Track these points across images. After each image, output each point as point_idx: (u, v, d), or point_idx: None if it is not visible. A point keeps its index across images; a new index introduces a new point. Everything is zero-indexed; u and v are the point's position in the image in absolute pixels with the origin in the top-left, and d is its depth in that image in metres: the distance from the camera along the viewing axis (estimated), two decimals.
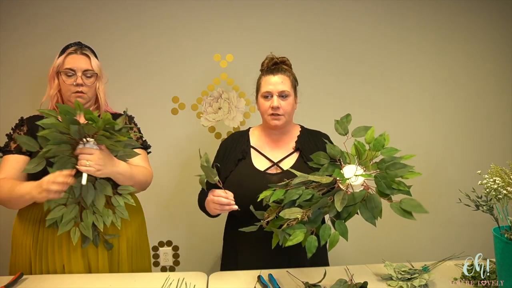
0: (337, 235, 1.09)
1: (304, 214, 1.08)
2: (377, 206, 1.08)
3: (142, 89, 2.09)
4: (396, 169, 1.09)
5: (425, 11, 2.19)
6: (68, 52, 1.43)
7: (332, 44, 2.16)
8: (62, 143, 1.21)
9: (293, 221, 1.08)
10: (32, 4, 1.99)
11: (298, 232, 1.08)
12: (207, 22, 2.09)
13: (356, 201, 1.09)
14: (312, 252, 1.08)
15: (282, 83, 1.39)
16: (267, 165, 1.41)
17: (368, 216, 1.09)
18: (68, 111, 1.17)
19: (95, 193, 1.29)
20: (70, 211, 1.27)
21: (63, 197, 1.24)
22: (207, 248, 2.20)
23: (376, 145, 1.15)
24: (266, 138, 1.47)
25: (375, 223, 1.09)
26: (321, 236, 1.09)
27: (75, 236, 1.29)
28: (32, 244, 1.34)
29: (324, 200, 1.10)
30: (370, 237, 2.28)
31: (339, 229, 1.10)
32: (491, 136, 2.30)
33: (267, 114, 1.40)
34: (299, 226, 1.09)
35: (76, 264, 1.34)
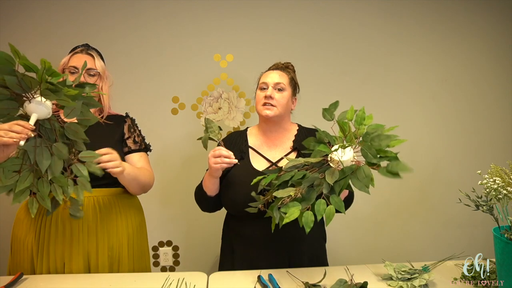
0: (332, 209, 1.10)
1: (297, 191, 1.11)
2: (367, 175, 1.09)
3: (142, 89, 2.09)
4: (380, 140, 1.11)
5: (425, 11, 2.19)
6: (75, 52, 1.45)
7: (332, 44, 2.16)
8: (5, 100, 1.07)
9: (287, 198, 1.11)
10: (32, 4, 1.99)
11: (293, 209, 1.10)
12: (207, 22, 2.09)
13: (346, 174, 1.11)
14: (310, 227, 1.08)
15: (279, 77, 1.43)
16: (265, 165, 1.42)
17: (360, 185, 1.10)
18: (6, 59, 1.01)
19: (51, 159, 1.13)
20: (25, 179, 1.12)
21: (16, 163, 1.11)
22: (207, 248, 2.20)
23: (357, 120, 1.19)
24: (263, 137, 1.48)
25: (368, 191, 1.09)
26: (317, 212, 1.09)
27: (33, 207, 1.16)
28: (34, 243, 1.35)
29: (314, 176, 1.12)
30: (370, 237, 2.29)
31: (334, 202, 1.11)
32: (491, 136, 2.30)
33: (261, 104, 1.42)
34: (294, 204, 1.11)
35: (77, 261, 1.34)
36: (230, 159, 1.28)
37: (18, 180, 1.12)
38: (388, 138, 1.11)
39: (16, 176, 1.12)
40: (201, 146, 2.09)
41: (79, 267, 1.34)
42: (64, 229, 1.34)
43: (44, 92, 1.06)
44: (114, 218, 1.41)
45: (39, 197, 1.15)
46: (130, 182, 1.37)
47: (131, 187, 1.41)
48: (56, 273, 1.34)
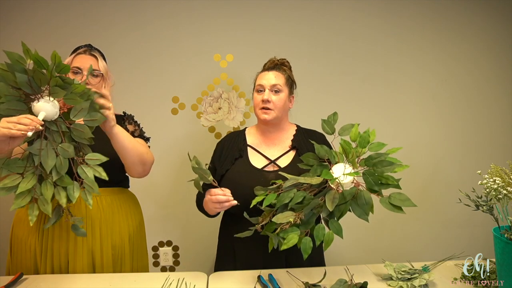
0: (331, 234, 1.10)
1: (297, 217, 1.10)
2: (368, 202, 1.09)
3: (142, 89, 2.09)
4: (383, 167, 1.10)
5: (425, 11, 2.19)
6: (78, 52, 1.44)
7: (332, 44, 2.16)
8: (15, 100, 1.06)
9: (286, 224, 1.10)
10: (32, 4, 1.99)
11: (292, 235, 1.09)
12: (207, 22, 2.09)
13: (346, 199, 1.10)
14: (308, 253, 1.09)
15: (275, 78, 1.42)
16: (264, 163, 1.42)
17: (360, 212, 1.10)
18: (17, 59, 1.02)
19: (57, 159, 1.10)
20: (27, 181, 1.09)
21: (20, 165, 1.09)
22: (207, 248, 2.20)
23: (361, 142, 1.17)
24: (262, 136, 1.48)
25: (367, 219, 1.09)
26: (316, 237, 1.10)
27: (33, 215, 1.10)
28: (37, 243, 1.35)
29: (315, 202, 1.11)
30: (370, 237, 2.29)
31: (333, 227, 1.10)
32: (491, 136, 2.30)
33: (258, 107, 1.42)
34: (293, 229, 1.10)
35: (81, 260, 1.34)
36: (229, 202, 1.25)
37: (21, 182, 1.09)
38: (392, 166, 1.09)
39: (18, 178, 1.10)
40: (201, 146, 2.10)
41: (83, 266, 1.35)
42: (68, 228, 1.34)
43: (53, 89, 1.07)
44: (116, 217, 1.42)
45: (41, 202, 1.11)
46: (125, 146, 1.28)
47: (128, 155, 1.31)
48: (60, 272, 1.35)
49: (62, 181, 1.12)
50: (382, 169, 1.10)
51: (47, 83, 1.07)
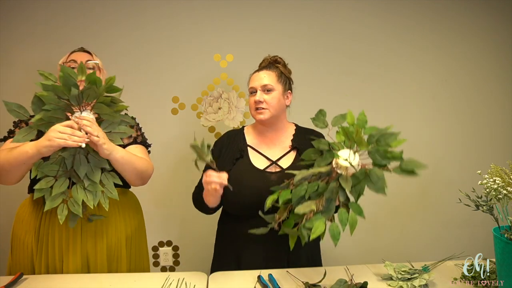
0: (354, 216, 1.08)
1: (319, 203, 1.09)
2: (380, 177, 1.08)
3: (142, 89, 2.09)
4: (385, 139, 1.10)
5: (425, 11, 2.19)
6: (73, 51, 1.48)
7: (332, 44, 2.16)
8: (58, 109, 1.15)
9: (310, 213, 1.08)
10: (32, 5, 1.99)
11: (318, 223, 1.07)
12: (207, 22, 2.09)
13: (360, 179, 1.10)
14: (338, 239, 1.06)
15: (266, 77, 1.41)
16: (265, 163, 1.41)
17: (376, 188, 1.08)
18: (70, 74, 1.13)
19: (88, 166, 1.21)
20: (60, 184, 1.18)
21: (54, 169, 1.17)
22: (207, 248, 2.19)
23: (359, 123, 1.17)
24: (261, 136, 1.47)
25: (385, 193, 1.07)
26: (341, 221, 1.08)
27: (62, 214, 1.20)
28: (34, 242, 1.35)
29: (332, 186, 1.10)
30: (370, 237, 2.29)
31: (354, 209, 1.09)
32: (491, 136, 2.30)
33: (253, 109, 1.42)
34: (317, 217, 1.08)
35: (74, 261, 1.34)
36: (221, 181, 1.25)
37: (54, 185, 1.18)
38: (393, 136, 1.10)
39: (52, 180, 1.18)
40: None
41: (77, 267, 1.34)
42: (63, 228, 1.34)
43: (98, 105, 1.19)
44: (113, 219, 1.41)
45: (71, 204, 1.20)
46: (124, 166, 1.30)
47: (126, 173, 1.34)
48: (55, 272, 1.34)
49: (93, 186, 1.22)
50: (386, 141, 1.10)
51: (94, 99, 1.18)
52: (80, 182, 1.22)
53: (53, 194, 1.17)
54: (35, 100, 1.16)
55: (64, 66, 1.16)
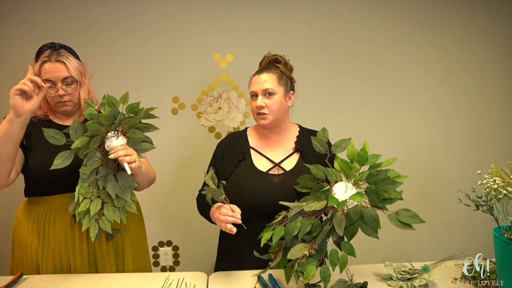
0: (345, 257, 1.09)
1: (310, 247, 1.09)
2: (374, 219, 1.08)
3: (142, 89, 2.09)
4: (385, 185, 1.08)
5: (425, 11, 2.19)
6: (43, 59, 1.32)
7: (332, 44, 2.16)
8: (97, 135, 1.21)
9: (303, 258, 1.08)
10: (32, 5, 1.99)
11: (310, 268, 1.07)
12: (207, 22, 2.09)
13: (353, 220, 1.09)
14: (328, 281, 1.08)
15: (266, 81, 1.38)
16: (268, 165, 1.41)
17: (369, 231, 1.09)
18: (113, 102, 1.20)
19: (118, 186, 1.27)
20: (95, 204, 1.24)
21: (89, 190, 1.24)
22: (207, 248, 2.20)
23: (359, 159, 1.14)
24: (264, 138, 1.46)
25: (377, 236, 1.08)
26: (331, 262, 1.08)
27: (94, 232, 1.24)
28: (38, 243, 1.35)
29: (326, 229, 1.10)
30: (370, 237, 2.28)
31: (345, 249, 1.10)
32: (491, 136, 2.30)
33: (255, 114, 1.41)
34: (309, 261, 1.08)
35: (81, 260, 1.35)
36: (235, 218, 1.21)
37: (90, 205, 1.23)
38: (394, 184, 1.07)
39: (88, 202, 1.23)
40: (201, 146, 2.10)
41: (83, 265, 1.35)
42: (68, 229, 1.35)
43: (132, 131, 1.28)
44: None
45: (102, 222, 1.25)
46: (142, 179, 1.36)
47: (142, 184, 1.39)
48: (62, 272, 1.35)
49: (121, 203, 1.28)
50: (385, 187, 1.08)
51: (131, 125, 1.25)
52: (111, 201, 1.27)
53: (91, 215, 1.23)
54: (74, 125, 1.20)
55: (109, 96, 1.21)
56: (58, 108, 1.38)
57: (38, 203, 1.37)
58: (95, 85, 1.47)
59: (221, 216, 1.22)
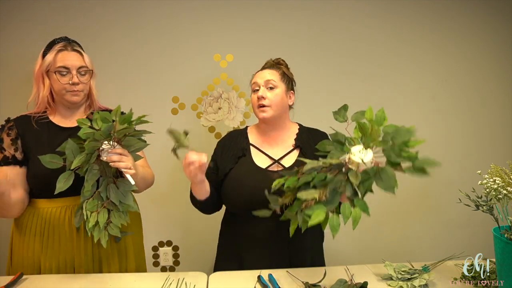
0: (358, 211, 1.06)
1: (322, 193, 1.06)
2: (391, 176, 1.06)
3: (142, 89, 2.09)
4: (401, 136, 1.08)
5: (425, 11, 2.19)
6: (58, 49, 1.35)
7: (332, 44, 2.16)
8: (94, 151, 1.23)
9: (311, 201, 1.06)
10: (32, 4, 1.99)
11: (319, 211, 1.04)
12: (207, 22, 2.09)
13: (370, 175, 1.08)
14: (337, 230, 1.05)
15: (269, 74, 1.41)
16: (267, 162, 1.41)
17: (385, 186, 1.05)
18: (106, 117, 1.21)
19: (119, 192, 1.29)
20: (102, 215, 1.26)
21: (95, 204, 1.26)
22: (207, 248, 2.20)
23: (378, 120, 1.15)
24: (264, 135, 1.47)
25: (394, 191, 1.05)
26: (343, 214, 1.06)
27: (105, 240, 1.26)
28: (41, 245, 1.34)
29: (339, 178, 1.08)
30: (370, 237, 2.29)
31: (359, 205, 1.07)
32: (491, 136, 2.30)
33: (256, 106, 1.41)
34: (318, 206, 1.06)
35: (86, 259, 1.35)
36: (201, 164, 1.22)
37: (98, 218, 1.25)
38: (409, 133, 1.07)
39: (95, 214, 1.25)
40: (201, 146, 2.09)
41: (88, 262, 1.35)
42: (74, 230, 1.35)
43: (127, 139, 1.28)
44: None
45: (110, 228, 1.28)
46: (138, 182, 1.36)
47: (139, 186, 1.39)
48: (65, 271, 1.34)
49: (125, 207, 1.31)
50: (401, 138, 1.08)
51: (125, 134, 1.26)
52: (116, 207, 1.29)
53: (101, 227, 1.25)
54: (69, 146, 1.20)
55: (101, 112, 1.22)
56: (66, 98, 1.35)
57: (42, 205, 1.36)
58: (96, 85, 1.47)
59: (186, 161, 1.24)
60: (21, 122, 1.37)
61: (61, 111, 1.41)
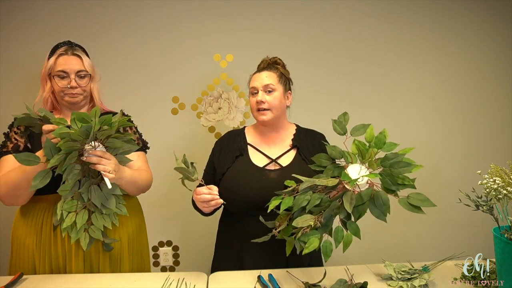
0: (350, 236, 1.09)
1: (317, 220, 1.09)
2: (385, 203, 1.09)
3: (142, 89, 2.09)
4: (399, 167, 1.10)
5: (425, 11, 2.19)
6: (59, 53, 1.38)
7: (332, 44, 2.16)
8: (72, 151, 1.20)
9: (307, 228, 1.09)
10: (32, 4, 1.99)
11: (313, 239, 1.08)
12: (207, 22, 2.09)
13: (364, 200, 1.09)
14: (329, 256, 1.08)
15: (267, 78, 1.41)
16: (265, 161, 1.42)
17: (378, 213, 1.09)
18: (84, 118, 1.17)
19: (102, 195, 1.27)
20: (81, 216, 1.25)
21: (74, 204, 1.25)
22: (207, 248, 2.19)
23: (377, 143, 1.16)
24: (261, 136, 1.48)
25: (385, 219, 1.09)
26: (335, 239, 1.09)
27: (85, 242, 1.26)
28: (35, 244, 1.34)
29: (334, 204, 1.11)
30: (370, 237, 2.28)
31: (351, 229, 1.10)
32: (491, 136, 2.30)
33: (255, 110, 1.41)
34: (313, 233, 1.09)
35: (77, 261, 1.34)
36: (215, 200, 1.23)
37: (76, 219, 1.24)
38: (409, 167, 1.09)
39: (73, 215, 1.24)
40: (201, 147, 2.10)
41: (79, 267, 1.34)
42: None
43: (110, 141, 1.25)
44: None
45: (91, 230, 1.27)
46: (127, 186, 1.36)
47: (129, 191, 1.39)
48: (59, 273, 1.34)
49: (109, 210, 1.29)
50: (399, 170, 1.09)
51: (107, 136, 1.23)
52: (98, 210, 1.28)
53: (78, 228, 1.24)
54: (47, 145, 1.17)
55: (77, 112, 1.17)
56: (66, 100, 1.38)
57: (35, 201, 1.36)
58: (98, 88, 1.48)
59: (198, 196, 1.24)
60: None
61: (65, 112, 1.44)
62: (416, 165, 1.10)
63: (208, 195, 1.23)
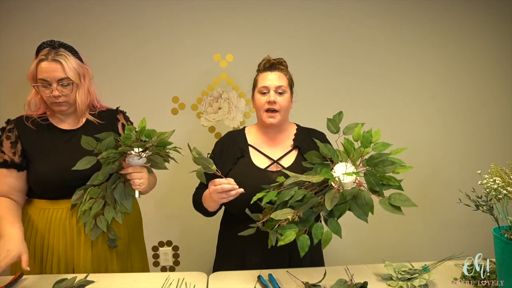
0: (329, 233, 1.10)
1: (295, 214, 1.10)
2: (368, 203, 1.09)
3: (142, 89, 2.09)
4: (384, 166, 1.10)
5: (425, 11, 2.19)
6: (40, 57, 1.29)
7: (332, 44, 2.16)
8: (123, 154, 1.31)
9: (284, 221, 1.10)
10: (32, 4, 1.99)
11: (290, 232, 1.10)
12: (207, 22, 2.09)
13: (346, 199, 1.10)
14: (305, 251, 1.09)
15: (279, 79, 1.40)
16: (266, 163, 1.41)
17: (359, 213, 1.10)
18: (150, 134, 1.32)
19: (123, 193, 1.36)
20: (98, 205, 1.33)
21: (97, 192, 1.33)
22: (207, 248, 2.19)
23: (364, 142, 1.16)
24: (263, 136, 1.47)
25: (366, 220, 1.09)
26: (314, 235, 1.10)
27: (89, 228, 1.33)
28: (40, 243, 1.35)
29: (314, 200, 1.11)
30: (370, 237, 2.29)
31: (331, 227, 1.11)
32: (491, 136, 2.30)
33: (263, 109, 1.39)
34: (291, 226, 1.11)
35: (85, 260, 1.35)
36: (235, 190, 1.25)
37: (93, 206, 1.32)
38: (393, 166, 1.09)
39: (91, 201, 1.33)
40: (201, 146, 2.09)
41: (86, 263, 1.35)
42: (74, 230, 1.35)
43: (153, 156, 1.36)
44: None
45: (99, 220, 1.34)
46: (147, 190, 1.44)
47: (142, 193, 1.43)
48: (66, 271, 1.35)
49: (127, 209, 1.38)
50: (383, 169, 1.09)
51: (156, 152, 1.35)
52: (113, 204, 1.36)
53: (92, 214, 1.32)
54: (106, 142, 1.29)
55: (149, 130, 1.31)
56: (53, 107, 1.36)
57: (44, 205, 1.36)
58: (96, 85, 1.47)
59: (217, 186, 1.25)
60: (22, 123, 1.36)
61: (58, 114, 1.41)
62: (404, 166, 1.09)
63: (228, 185, 1.24)
